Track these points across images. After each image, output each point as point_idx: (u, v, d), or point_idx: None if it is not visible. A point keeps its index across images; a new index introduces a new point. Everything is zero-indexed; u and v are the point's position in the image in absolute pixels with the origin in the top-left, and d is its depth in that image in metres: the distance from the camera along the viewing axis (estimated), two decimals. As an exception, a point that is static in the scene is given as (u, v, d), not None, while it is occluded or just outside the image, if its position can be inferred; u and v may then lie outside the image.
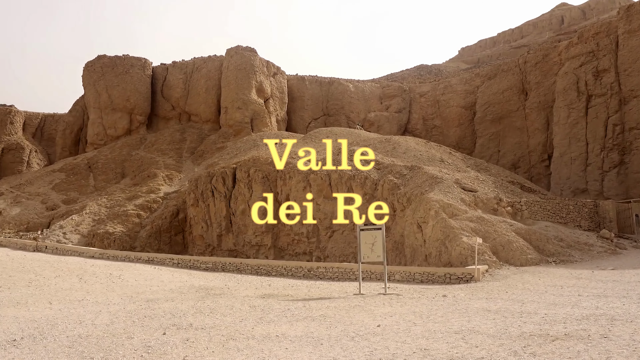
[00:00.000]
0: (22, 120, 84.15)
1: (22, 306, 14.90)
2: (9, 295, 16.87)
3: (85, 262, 28.26)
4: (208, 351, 9.37)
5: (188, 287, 19.75)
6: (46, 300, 16.03)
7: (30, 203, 50.46)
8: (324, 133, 46.02)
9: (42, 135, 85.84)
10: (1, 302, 15.55)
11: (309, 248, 32.49)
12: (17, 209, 49.15)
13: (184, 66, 66.27)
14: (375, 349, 9.09)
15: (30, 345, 9.97)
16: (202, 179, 39.52)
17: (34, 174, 61.11)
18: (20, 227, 45.08)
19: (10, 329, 11.55)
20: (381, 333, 10.42)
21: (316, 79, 69.21)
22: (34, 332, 11.16)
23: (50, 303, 15.47)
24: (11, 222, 45.96)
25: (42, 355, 9.28)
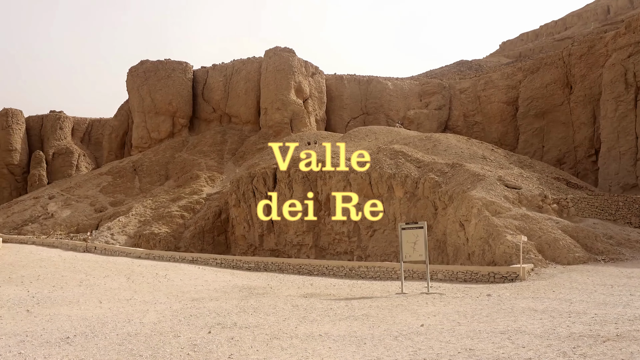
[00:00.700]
0: (70, 126, 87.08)
1: (74, 305, 15.43)
2: (62, 294, 17.49)
3: (132, 262, 29.01)
4: (252, 350, 9.50)
5: (231, 287, 20.04)
6: (96, 299, 16.55)
7: (79, 205, 52.15)
8: (363, 132, 45.90)
9: (90, 139, 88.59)
10: (54, 301, 16.14)
11: (350, 247, 32.46)
12: (68, 211, 50.88)
13: (223, 69, 67.19)
14: (419, 349, 9.03)
15: (83, 343, 10.32)
16: (243, 179, 40.00)
17: (83, 177, 63.13)
18: (70, 228, 46.63)
19: (64, 327, 11.98)
20: (425, 333, 10.34)
21: (354, 78, 69.05)
22: (86, 330, 11.54)
23: (100, 302, 15.97)
24: (62, 224, 47.60)
25: (94, 352, 9.59)
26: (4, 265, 24.01)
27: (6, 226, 49.71)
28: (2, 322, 12.81)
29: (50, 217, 49.82)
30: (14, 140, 79.43)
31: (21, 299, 16.38)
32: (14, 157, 78.95)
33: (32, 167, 78.85)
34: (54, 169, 79.30)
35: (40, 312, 14.23)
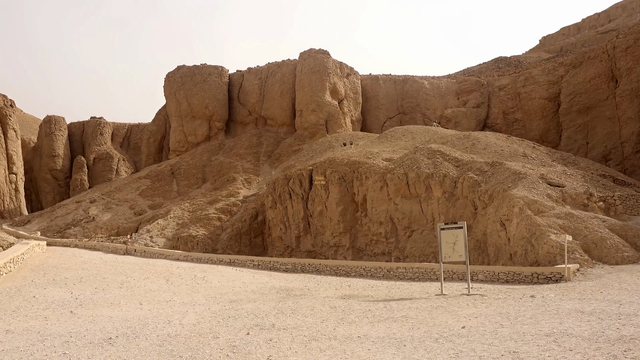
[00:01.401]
0: (110, 131, 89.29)
1: (115, 306, 15.66)
2: (104, 296, 17.80)
3: (171, 265, 29.40)
4: (291, 351, 9.40)
5: (269, 288, 20.05)
6: (137, 300, 16.77)
7: (119, 209, 53.27)
8: (400, 132, 45.47)
9: (129, 144, 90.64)
10: (97, 302, 16.43)
11: (388, 248, 32.13)
12: (108, 214, 52.04)
13: (258, 72, 67.67)
14: (461, 351, 8.77)
15: (125, 344, 10.42)
16: (279, 181, 40.12)
17: (122, 181, 64.47)
18: (111, 231, 47.67)
19: (106, 328, 12.15)
20: (466, 335, 10.05)
21: (390, 78, 68.55)
22: (127, 331, 11.67)
23: (140, 304, 16.16)
24: (103, 227, 48.71)
25: (135, 353, 9.66)
26: (48, 267, 24.64)
27: (50, 230, 51.18)
28: (47, 323, 13.08)
29: (92, 220, 51.04)
30: (57, 147, 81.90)
31: (65, 300, 16.73)
32: (57, 162, 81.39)
33: (74, 172, 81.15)
34: (95, 174, 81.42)
35: (84, 313, 14.49)
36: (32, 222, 56.23)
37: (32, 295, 17.51)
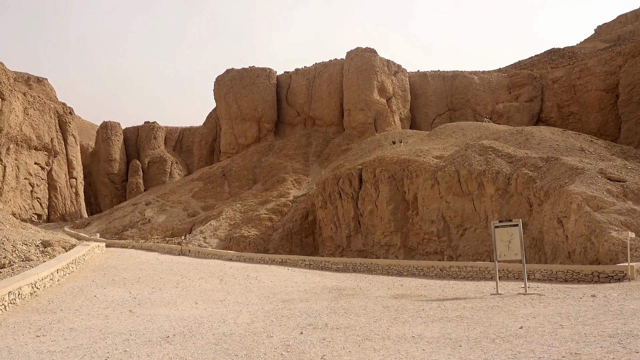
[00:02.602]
0: (163, 135, 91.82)
1: (172, 306, 16.05)
2: (160, 295, 18.27)
3: (224, 265, 29.89)
4: (345, 351, 9.39)
5: (321, 288, 20.09)
6: (192, 300, 17.13)
7: (173, 211, 54.67)
8: (450, 128, 44.75)
9: (181, 147, 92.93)
10: (154, 301, 16.88)
11: (440, 247, 31.67)
12: (163, 216, 53.48)
13: (306, 72, 68.06)
14: (519, 352, 8.52)
15: (182, 342, 10.66)
16: (329, 181, 40.20)
17: (176, 184, 66.16)
18: (166, 232, 48.98)
19: (164, 327, 12.46)
20: (524, 335, 9.77)
21: (438, 74, 67.61)
22: (184, 330, 11.93)
23: (196, 303, 16.50)
24: (158, 228, 50.09)
25: (192, 351, 9.87)
26: (107, 268, 25.51)
27: (109, 231, 53.04)
28: (108, 321, 13.53)
29: (148, 222, 52.58)
30: (114, 151, 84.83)
31: (124, 299, 17.27)
32: (114, 166, 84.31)
33: (130, 176, 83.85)
34: (150, 177, 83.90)
35: (142, 312, 14.91)
36: (92, 225, 58.44)
37: (93, 294, 18.16)
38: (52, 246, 24.85)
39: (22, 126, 65.17)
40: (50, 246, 24.83)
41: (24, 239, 24.69)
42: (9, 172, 61.71)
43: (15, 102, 62.18)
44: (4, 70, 53.55)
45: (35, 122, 68.80)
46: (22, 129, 65.31)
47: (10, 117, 58.79)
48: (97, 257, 29.29)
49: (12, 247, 22.59)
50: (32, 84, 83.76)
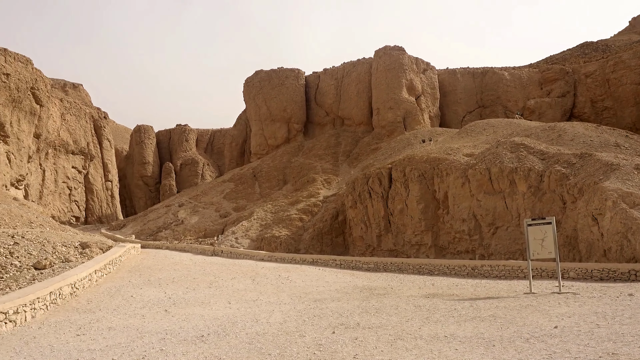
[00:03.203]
0: (195, 137, 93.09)
1: (205, 305, 16.35)
2: (194, 295, 18.62)
3: (256, 265, 30.21)
4: (377, 350, 9.45)
5: (352, 287, 20.17)
6: (225, 300, 17.41)
7: (206, 212, 55.43)
8: (480, 126, 44.25)
9: (212, 149, 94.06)
10: (188, 301, 17.22)
11: (471, 246, 31.37)
12: (196, 217, 54.28)
13: (334, 72, 68.14)
14: (554, 352, 8.46)
15: (216, 341, 10.88)
16: (358, 181, 40.20)
17: (208, 185, 67.03)
18: (199, 233, 49.70)
19: (198, 326, 12.73)
20: (559, 335, 9.68)
21: (468, 71, 66.89)
22: (218, 329, 12.17)
23: (229, 303, 16.77)
24: (191, 229, 50.86)
25: (226, 350, 10.07)
26: (143, 269, 26.07)
27: (143, 233, 54.09)
28: (145, 320, 13.88)
29: (181, 223, 53.43)
30: (147, 154, 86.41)
31: (159, 299, 17.66)
32: (147, 169, 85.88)
33: (163, 178, 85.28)
34: (182, 179, 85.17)
35: (177, 312, 15.23)
36: (127, 226, 59.68)
37: (130, 294, 18.61)
38: (90, 247, 25.53)
39: (59, 131, 66.98)
40: (89, 247, 25.52)
41: (64, 241, 25.43)
42: (48, 176, 63.50)
43: (53, 108, 63.96)
44: (42, 77, 55.14)
45: (72, 127, 70.61)
46: (60, 134, 67.12)
47: (48, 122, 60.51)
48: (133, 258, 29.95)
49: (52, 248, 23.30)
50: (68, 90, 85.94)
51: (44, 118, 57.40)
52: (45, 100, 56.47)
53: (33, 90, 53.16)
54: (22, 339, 11.79)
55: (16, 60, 50.15)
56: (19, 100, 50.92)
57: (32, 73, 52.57)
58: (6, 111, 49.37)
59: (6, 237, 22.30)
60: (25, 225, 27.22)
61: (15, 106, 50.68)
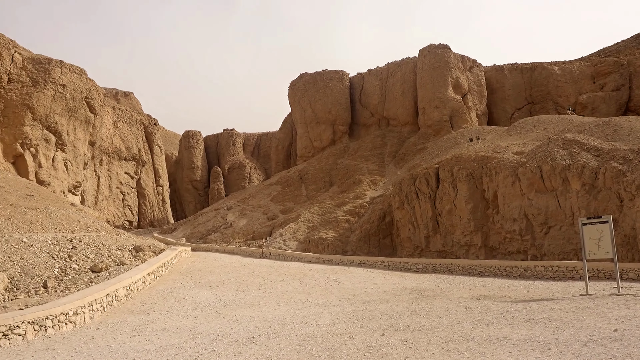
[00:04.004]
0: (242, 141, 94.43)
1: (255, 307, 16.56)
2: (244, 297, 18.89)
3: (304, 267, 30.38)
4: (428, 353, 9.35)
5: (401, 289, 20.01)
6: (275, 302, 17.59)
7: (253, 215, 56.13)
8: (530, 123, 43.12)
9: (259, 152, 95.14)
10: (238, 303, 17.49)
11: (523, 246, 30.57)
12: (244, 220, 55.04)
13: (379, 72, 67.83)
14: (615, 356, 8.15)
15: (266, 343, 11.00)
16: (405, 181, 39.84)
17: (255, 188, 67.88)
18: (247, 236, 50.37)
19: (248, 328, 12.91)
20: (620, 338, 9.32)
21: (516, 67, 65.26)
22: (268, 331, 12.30)
23: (278, 305, 16.93)
24: (240, 232, 51.61)
25: (277, 351, 10.17)
26: (194, 271, 26.62)
27: (194, 236, 55.26)
28: (197, 322, 14.18)
29: (230, 226, 54.30)
30: (196, 159, 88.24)
31: (210, 301, 18.00)
32: (196, 173, 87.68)
33: (212, 182, 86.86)
34: (230, 182, 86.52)
35: (228, 313, 15.49)
36: (178, 230, 61.12)
37: (182, 296, 19.05)
38: (143, 251, 26.28)
39: (112, 138, 69.28)
40: (142, 251, 26.26)
41: (118, 245, 26.26)
42: (102, 182, 65.77)
43: (106, 116, 66.22)
44: (95, 87, 57.18)
45: (124, 134, 72.91)
46: (113, 141, 69.42)
47: (102, 130, 62.67)
48: (184, 261, 30.63)
49: (107, 252, 24.10)
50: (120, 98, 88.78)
51: (98, 126, 59.49)
52: (99, 109, 58.52)
53: (87, 100, 55.18)
54: (81, 339, 12.24)
55: (71, 72, 52.19)
56: (75, 110, 52.96)
57: (86, 83, 54.59)
58: (63, 120, 51.43)
59: (65, 242, 23.21)
60: (83, 229, 28.26)
61: (71, 115, 52.73)
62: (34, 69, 48.36)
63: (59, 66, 50.60)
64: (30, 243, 21.30)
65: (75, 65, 53.37)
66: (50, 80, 49.12)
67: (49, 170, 49.54)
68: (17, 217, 24.92)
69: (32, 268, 18.94)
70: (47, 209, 28.71)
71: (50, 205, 30.49)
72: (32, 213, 26.58)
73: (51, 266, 19.84)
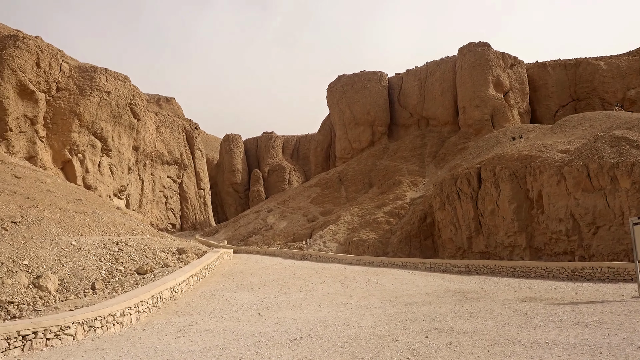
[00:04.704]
0: (281, 144, 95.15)
1: (297, 309, 16.61)
2: (286, 299, 18.98)
3: (345, 269, 30.33)
4: (473, 356, 9.17)
5: (444, 291, 19.74)
6: (316, 303, 17.61)
7: (293, 217, 56.41)
8: (575, 120, 41.93)
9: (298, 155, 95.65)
10: (280, 305, 17.58)
11: (570, 247, 29.71)
12: (284, 222, 55.37)
13: (417, 72, 67.23)
14: (671, 361, 7.83)
15: (309, 344, 11.01)
16: (446, 182, 39.32)
17: (295, 191, 68.20)
18: (287, 238, 50.65)
19: (290, 329, 12.95)
20: (676, 343, 8.94)
21: (559, 63, 63.56)
22: (310, 332, 12.31)
23: (320, 306, 16.94)
24: (280, 234, 51.93)
25: (319, 353, 10.16)
26: (236, 273, 26.93)
27: (235, 238, 55.92)
28: (239, 323, 14.32)
29: (270, 228, 54.71)
30: (236, 162, 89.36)
31: (253, 303, 18.16)
32: (237, 176, 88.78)
33: (252, 184, 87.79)
34: (270, 185, 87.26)
35: (270, 315, 15.59)
36: (220, 232, 61.97)
37: (224, 298, 19.28)
38: (186, 253, 26.74)
39: (155, 143, 70.85)
40: (185, 253, 26.73)
41: (162, 247, 26.81)
42: (146, 186, 67.33)
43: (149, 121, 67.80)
44: (138, 93, 58.62)
45: (167, 138, 74.45)
46: (156, 145, 70.99)
47: (145, 135, 64.19)
48: (226, 263, 31.03)
49: (152, 254, 24.63)
50: (162, 104, 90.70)
51: (141, 131, 60.96)
52: (142, 115, 59.95)
53: (131, 106, 56.62)
54: (128, 340, 12.53)
55: (115, 79, 53.66)
56: (119, 116, 54.41)
57: (129, 90, 56.03)
58: (108, 126, 52.91)
59: (111, 244, 23.84)
60: (128, 232, 28.96)
61: (116, 121, 54.20)
62: (81, 77, 49.93)
63: (103, 74, 52.09)
64: (79, 246, 21.96)
65: (119, 72, 54.86)
66: (95, 87, 50.61)
67: (96, 175, 51.02)
68: (67, 220, 25.75)
69: (80, 270, 19.52)
70: (94, 213, 29.56)
71: (97, 209, 31.39)
72: (80, 217, 27.42)
73: (99, 268, 20.41)
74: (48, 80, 46.73)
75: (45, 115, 46.82)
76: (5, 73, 42.81)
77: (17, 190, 29.79)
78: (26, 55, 44.57)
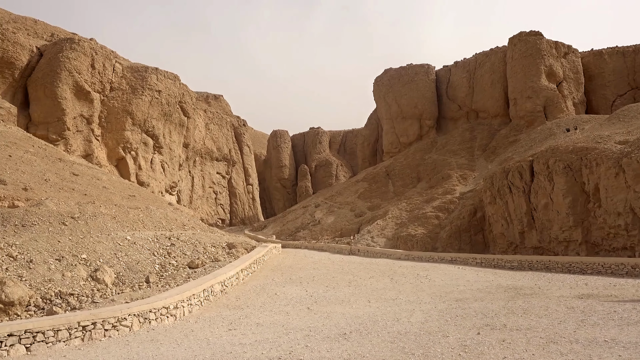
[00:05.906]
0: (328, 139, 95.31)
1: (346, 304, 16.59)
2: (334, 294, 18.99)
3: (393, 264, 30.10)
4: (527, 353, 8.92)
5: (495, 287, 19.31)
6: (365, 298, 17.54)
7: (341, 212, 56.41)
8: (635, 110, 40.14)
9: (345, 150, 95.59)
10: (329, 300, 17.60)
11: (630, 242, 28.50)
12: (332, 217, 55.46)
13: (466, 64, 65.92)
14: None
15: (358, 339, 10.97)
16: (497, 175, 38.42)
17: (342, 186, 68.19)
18: (335, 233, 50.72)
19: (340, 324, 12.94)
20: None
21: (617, 50, 60.95)
22: (360, 327, 12.27)
23: (368, 301, 16.87)
24: (328, 229, 52.05)
25: (369, 348, 10.11)
26: (284, 268, 27.15)
27: (283, 233, 56.42)
28: (289, 317, 14.42)
29: (318, 223, 54.92)
30: (283, 158, 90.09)
31: (301, 297, 18.26)
32: (284, 172, 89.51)
33: (299, 180, 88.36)
34: (317, 180, 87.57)
35: (319, 309, 15.63)
36: (268, 227, 62.67)
37: (274, 292, 19.47)
38: (236, 248, 27.15)
39: (204, 140, 72.24)
40: (234, 248, 27.15)
41: (212, 242, 27.31)
42: (196, 182, 68.80)
43: (198, 119, 69.18)
44: (188, 91, 59.87)
45: (215, 135, 75.79)
46: (205, 142, 72.38)
47: (195, 132, 65.54)
48: (274, 258, 31.33)
49: (203, 249, 25.13)
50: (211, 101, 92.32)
51: (191, 128, 62.26)
52: (192, 112, 61.21)
53: (181, 104, 57.89)
54: (182, 332, 12.82)
55: (166, 78, 54.95)
56: (169, 114, 55.74)
57: (179, 88, 57.29)
58: (159, 124, 54.29)
59: (164, 239, 24.46)
60: (179, 228, 29.66)
61: (167, 119, 55.55)
62: (133, 77, 51.38)
63: (154, 73, 53.42)
64: (133, 240, 22.63)
65: (169, 71, 56.16)
66: (147, 87, 51.99)
67: (148, 171, 52.48)
68: (121, 216, 26.58)
69: (135, 264, 20.11)
70: (148, 209, 30.39)
71: (150, 205, 32.26)
72: (134, 212, 28.24)
73: (152, 262, 20.97)
74: (102, 80, 48.32)
75: (100, 114, 48.46)
76: (63, 75, 44.53)
77: (75, 187, 30.96)
78: (82, 57, 46.22)
